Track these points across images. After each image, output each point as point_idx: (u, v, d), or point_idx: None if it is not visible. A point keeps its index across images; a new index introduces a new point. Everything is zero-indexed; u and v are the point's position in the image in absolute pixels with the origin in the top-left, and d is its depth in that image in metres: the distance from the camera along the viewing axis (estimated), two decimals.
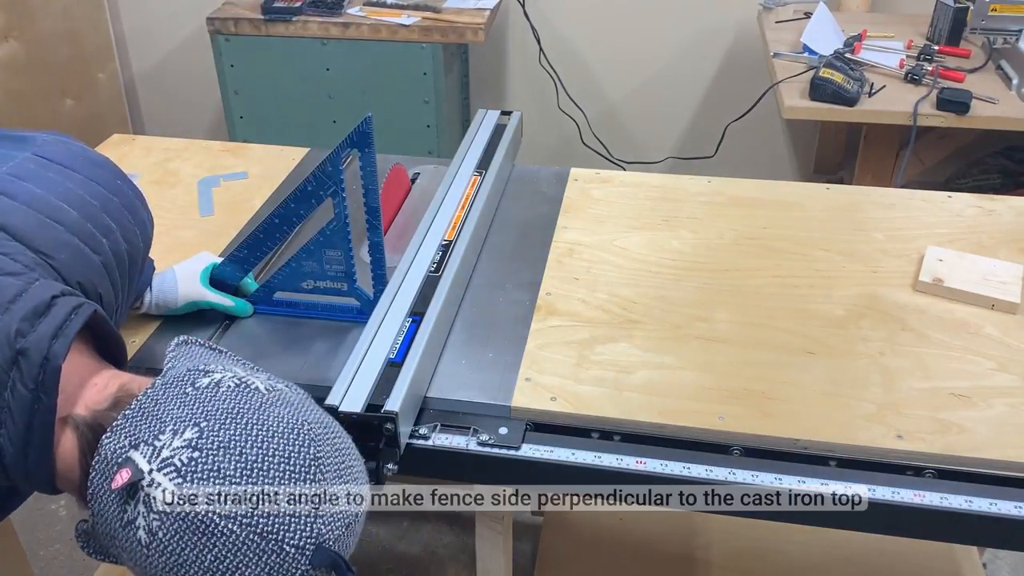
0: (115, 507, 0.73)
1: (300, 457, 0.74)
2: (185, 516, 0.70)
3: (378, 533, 2.07)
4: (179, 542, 0.71)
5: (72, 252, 0.86)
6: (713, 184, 1.53)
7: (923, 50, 2.21)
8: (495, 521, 1.22)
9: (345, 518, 0.76)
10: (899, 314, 1.23)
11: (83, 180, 0.92)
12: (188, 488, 0.70)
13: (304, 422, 0.76)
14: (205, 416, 0.74)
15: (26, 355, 0.75)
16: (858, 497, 0.99)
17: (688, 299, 1.26)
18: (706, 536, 1.73)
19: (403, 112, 2.54)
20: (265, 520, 0.71)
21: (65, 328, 0.78)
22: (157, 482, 0.71)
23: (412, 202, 1.49)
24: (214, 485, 0.71)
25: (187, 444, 0.72)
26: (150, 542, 0.71)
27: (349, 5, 2.53)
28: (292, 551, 0.72)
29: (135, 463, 0.72)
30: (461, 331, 1.21)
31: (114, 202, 0.93)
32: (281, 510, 0.72)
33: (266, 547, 0.71)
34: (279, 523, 0.72)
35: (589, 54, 2.95)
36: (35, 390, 0.75)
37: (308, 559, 0.73)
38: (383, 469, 1.01)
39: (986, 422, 1.05)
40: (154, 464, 0.72)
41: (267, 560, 0.72)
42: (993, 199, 1.49)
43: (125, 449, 0.73)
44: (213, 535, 0.70)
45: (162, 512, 0.71)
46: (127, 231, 0.94)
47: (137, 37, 3.14)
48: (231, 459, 0.72)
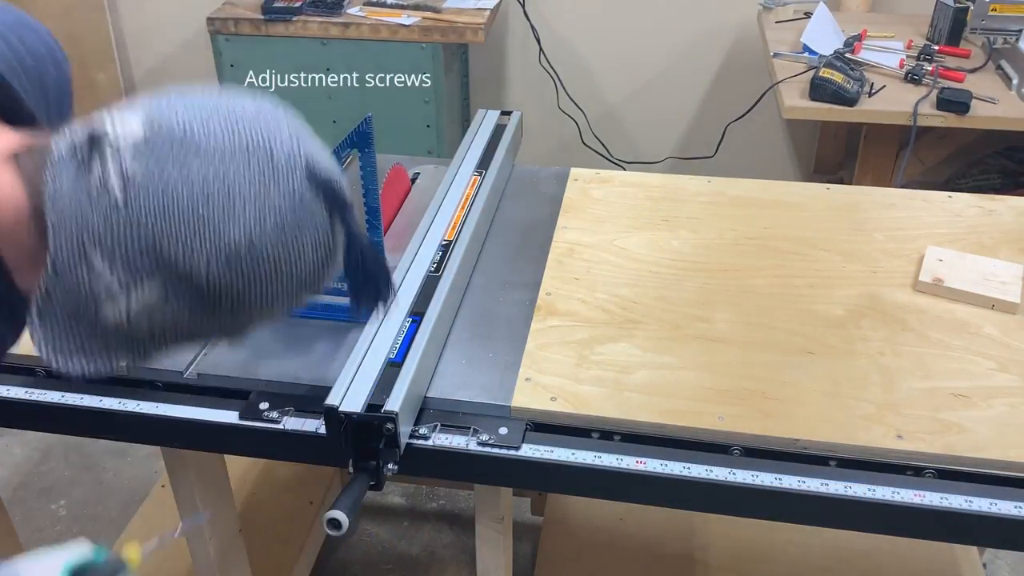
0: (80, 182, 0.64)
1: (275, 104, 0.70)
2: (162, 138, 0.64)
3: (378, 533, 2.07)
4: (161, 168, 0.63)
5: None
6: (713, 184, 1.53)
7: (923, 50, 2.21)
8: (495, 521, 1.22)
9: (331, 160, 0.72)
10: (899, 314, 1.23)
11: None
12: (157, 116, 0.65)
13: (272, 104, 0.71)
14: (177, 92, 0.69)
15: None
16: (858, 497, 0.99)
17: (688, 299, 1.26)
18: (706, 536, 1.73)
19: (403, 112, 2.54)
20: (245, 131, 0.66)
21: None
22: (122, 122, 0.65)
23: (412, 202, 1.50)
24: (185, 107, 0.66)
25: (147, 99, 0.67)
26: (128, 191, 0.63)
27: (349, 5, 2.53)
28: (283, 159, 0.67)
29: (97, 126, 0.66)
30: (461, 331, 1.21)
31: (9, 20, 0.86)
32: (262, 123, 0.67)
33: (256, 153, 0.66)
34: (265, 132, 0.67)
35: (589, 54, 2.95)
36: None
37: (303, 174, 0.68)
38: (383, 469, 1.01)
39: (986, 422, 1.05)
40: (115, 116, 0.66)
41: (260, 168, 0.66)
42: (993, 199, 1.49)
43: (78, 131, 0.66)
44: (197, 149, 0.64)
45: (134, 147, 0.64)
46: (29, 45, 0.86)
47: (137, 38, 3.14)
48: (200, 96, 0.68)
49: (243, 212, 0.65)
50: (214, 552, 1.40)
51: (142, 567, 0.86)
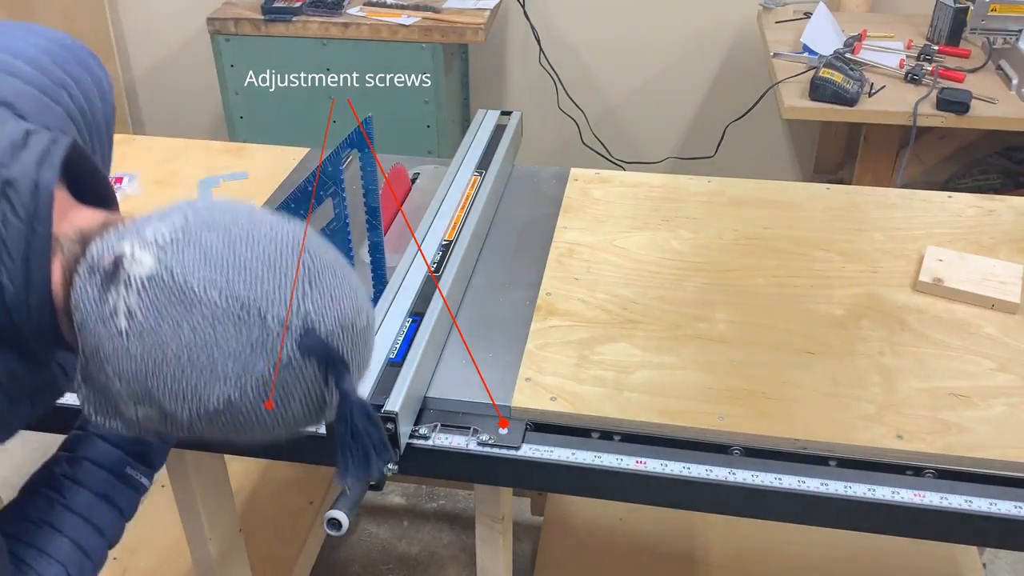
0: (97, 304, 0.68)
1: (290, 239, 0.70)
2: (163, 285, 0.66)
3: (378, 533, 2.07)
4: (156, 318, 0.66)
5: (34, 101, 0.83)
6: (713, 184, 1.53)
7: (923, 50, 2.21)
8: (495, 521, 1.22)
9: (340, 316, 0.70)
10: (899, 314, 1.23)
11: (29, 37, 0.88)
12: (168, 258, 0.67)
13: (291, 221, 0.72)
14: (194, 209, 0.70)
15: (14, 185, 0.71)
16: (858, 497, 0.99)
17: (688, 299, 1.26)
18: (706, 536, 1.73)
19: (403, 112, 2.54)
20: (246, 290, 0.66)
21: (49, 155, 0.74)
22: (138, 258, 0.67)
23: (412, 202, 1.50)
24: (195, 253, 0.67)
25: (172, 227, 0.68)
26: (129, 327, 0.67)
27: (349, 5, 2.53)
28: (276, 327, 0.67)
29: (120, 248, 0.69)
30: (461, 331, 1.21)
31: (65, 56, 0.89)
32: (265, 282, 0.67)
33: (247, 318, 0.66)
34: (262, 293, 0.67)
35: (589, 54, 2.95)
36: (29, 221, 0.71)
37: (295, 341, 0.67)
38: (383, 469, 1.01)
39: (986, 422, 1.05)
40: (136, 243, 0.68)
41: (248, 334, 0.66)
42: (993, 199, 1.49)
43: (112, 244, 0.69)
44: (191, 304, 0.66)
45: (141, 287, 0.66)
46: (83, 84, 0.90)
47: (137, 37, 3.14)
48: (216, 234, 0.68)
49: (224, 377, 0.67)
50: (214, 552, 1.40)
51: (143, 567, 0.88)
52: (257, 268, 0.67)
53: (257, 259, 0.67)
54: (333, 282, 0.70)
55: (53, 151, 0.74)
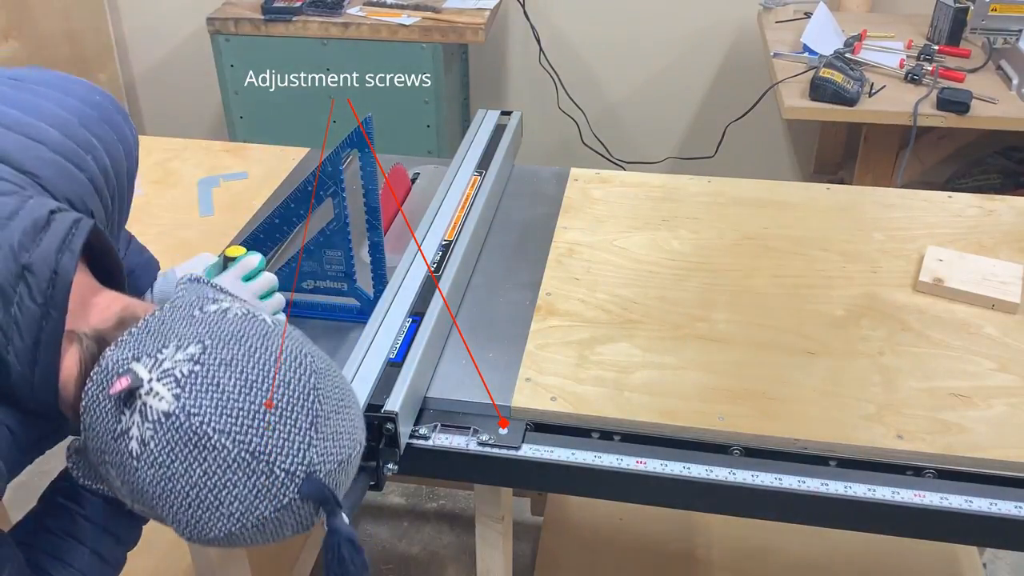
0: (110, 417, 0.71)
1: (300, 385, 0.73)
2: (179, 427, 0.69)
3: (378, 533, 2.07)
4: (170, 454, 0.69)
5: (58, 169, 0.84)
6: (713, 184, 1.53)
7: (923, 50, 2.21)
8: (495, 521, 1.22)
9: (339, 455, 0.75)
10: (899, 314, 1.23)
11: (59, 97, 0.90)
12: (186, 399, 0.70)
13: (307, 354, 0.76)
14: (210, 335, 0.73)
15: (33, 270, 0.73)
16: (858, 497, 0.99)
17: (688, 299, 1.26)
18: (706, 536, 1.73)
19: (403, 112, 2.54)
20: (258, 440, 0.70)
21: (69, 242, 0.76)
22: (156, 391, 0.70)
23: (412, 202, 1.49)
24: (212, 399, 0.70)
25: (189, 358, 0.71)
26: (141, 453, 0.70)
27: (349, 5, 2.53)
28: (282, 475, 0.71)
29: (135, 372, 0.71)
30: (461, 331, 1.21)
31: (93, 116, 0.91)
32: (275, 433, 0.71)
33: (256, 467, 0.70)
34: (272, 444, 0.71)
35: (589, 54, 2.95)
36: (44, 305, 0.73)
37: (297, 488, 0.72)
38: (383, 469, 1.01)
39: (986, 422, 1.05)
40: (154, 374, 0.71)
41: (255, 482, 0.71)
42: (993, 199, 1.49)
43: (127, 360, 0.72)
44: (205, 449, 0.69)
45: (157, 421, 0.69)
46: (110, 146, 0.91)
47: (137, 37, 3.14)
48: (232, 376, 0.71)
49: (228, 515, 0.72)
50: (214, 552, 1.40)
51: (142, 567, 0.89)
52: (269, 417, 0.71)
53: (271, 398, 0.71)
54: (337, 421, 0.75)
55: (75, 237, 0.77)
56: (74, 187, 0.86)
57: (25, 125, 0.85)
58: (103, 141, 0.90)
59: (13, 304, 0.73)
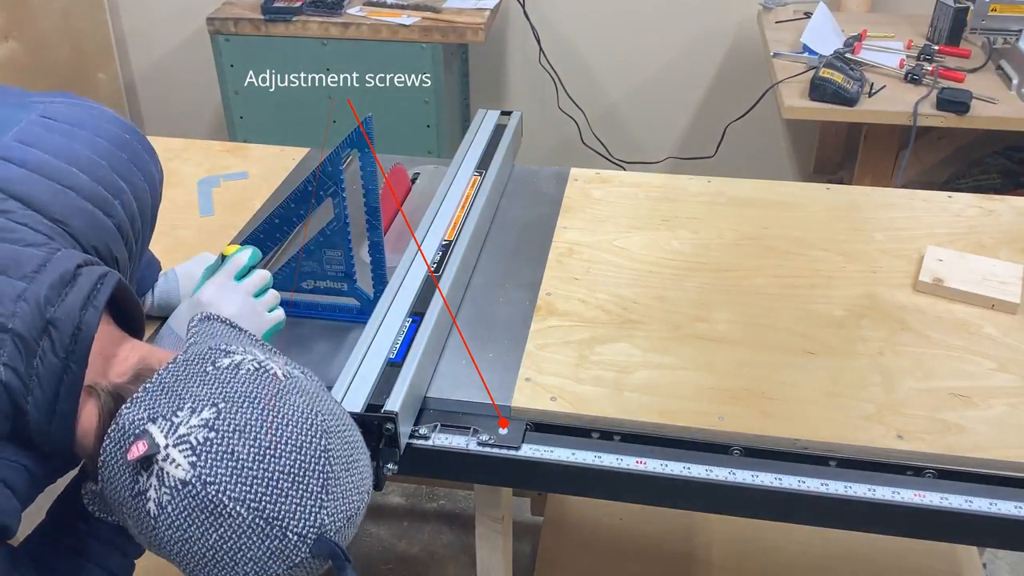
0: (127, 476, 0.74)
1: (311, 448, 0.75)
2: (196, 495, 0.71)
3: (378, 533, 2.07)
4: (187, 519, 0.72)
5: (87, 218, 0.86)
6: (713, 184, 1.53)
7: (923, 50, 2.21)
8: (495, 521, 1.22)
9: (348, 511, 0.77)
10: (899, 314, 1.23)
11: (90, 138, 0.90)
12: (202, 468, 0.71)
13: (318, 412, 0.77)
14: (224, 397, 0.75)
15: (57, 325, 0.75)
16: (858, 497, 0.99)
17: (688, 299, 1.26)
18: (706, 536, 1.73)
19: (403, 112, 2.54)
20: (272, 506, 0.72)
21: (94, 298, 0.78)
22: (172, 458, 0.72)
23: (412, 202, 1.49)
24: (227, 467, 0.72)
25: (204, 424, 0.73)
26: (158, 514, 0.72)
27: (349, 5, 2.53)
28: (294, 539, 0.73)
29: (152, 436, 0.73)
30: (461, 331, 1.21)
31: (122, 159, 0.92)
32: (288, 499, 0.73)
33: (270, 532, 0.73)
34: (285, 510, 0.73)
35: (589, 54, 2.95)
36: (65, 359, 0.75)
37: (309, 548, 0.74)
38: (383, 469, 1.01)
39: (986, 422, 1.05)
40: (170, 439, 0.72)
41: (269, 545, 0.73)
42: (993, 199, 1.49)
43: (143, 421, 0.74)
44: (220, 515, 0.72)
45: (174, 488, 0.72)
46: (137, 189, 0.93)
47: (137, 37, 3.14)
48: (245, 443, 0.73)
49: (242, 573, 0.74)
50: None
51: (142, 565, 0.91)
52: (282, 483, 0.73)
53: (282, 474, 0.73)
54: (346, 480, 0.77)
55: (99, 293, 0.79)
56: (101, 235, 0.87)
57: (57, 171, 0.86)
58: (131, 184, 0.92)
59: (36, 357, 0.75)
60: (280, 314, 1.07)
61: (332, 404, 0.81)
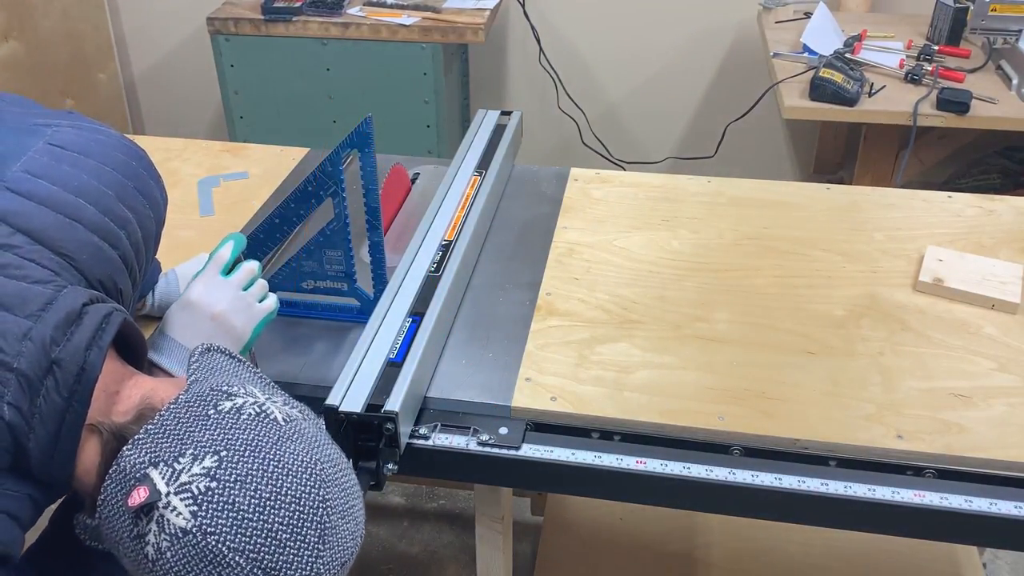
0: (127, 519, 0.74)
1: (310, 499, 0.75)
2: (196, 544, 0.71)
3: (378, 533, 2.07)
4: (185, 565, 0.72)
5: (93, 251, 0.86)
6: (713, 184, 1.53)
7: (923, 50, 2.21)
8: (495, 521, 1.22)
9: (342, 557, 0.77)
10: (899, 314, 1.23)
11: (97, 167, 0.90)
12: (203, 517, 0.72)
13: (317, 461, 0.77)
14: (225, 445, 0.75)
15: (61, 365, 0.76)
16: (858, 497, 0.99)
17: (688, 299, 1.26)
18: (706, 536, 1.73)
19: (403, 112, 2.54)
20: (270, 557, 0.73)
21: (99, 338, 0.78)
22: (173, 506, 0.72)
23: (412, 202, 1.49)
24: (227, 517, 0.72)
25: (205, 472, 0.73)
26: (157, 559, 0.72)
27: (349, 5, 2.53)
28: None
29: (153, 482, 0.73)
30: (461, 331, 1.21)
31: (128, 187, 0.91)
32: (286, 549, 0.73)
33: None
34: (283, 561, 0.73)
35: (589, 54, 2.95)
36: (68, 399, 0.76)
37: None
38: (383, 469, 1.01)
39: (986, 422, 1.05)
40: (172, 487, 0.73)
41: None
42: (993, 199, 1.49)
43: (144, 465, 0.74)
44: (219, 564, 0.72)
45: (174, 535, 0.72)
46: (143, 217, 0.93)
47: (137, 37, 3.14)
48: (246, 494, 0.73)
49: None
50: None
51: None
52: (281, 535, 0.73)
53: (282, 525, 0.73)
54: (343, 527, 0.78)
55: (104, 332, 0.79)
56: (107, 268, 0.87)
57: (65, 204, 0.85)
58: (137, 214, 0.92)
59: (40, 396, 0.75)
60: (271, 303, 1.06)
61: (330, 448, 0.81)
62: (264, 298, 1.07)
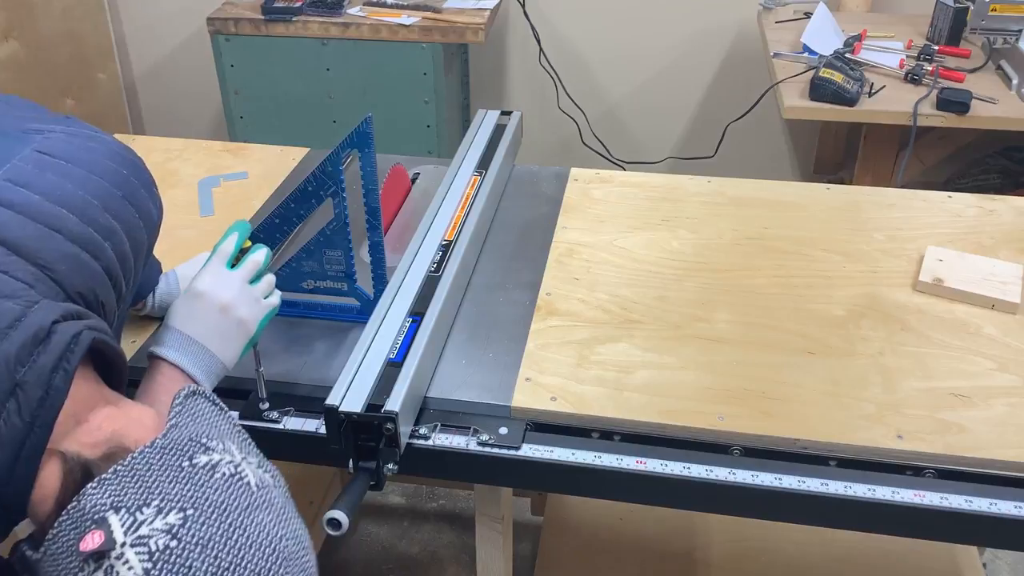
0: (74, 562, 0.69)
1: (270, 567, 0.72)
2: None
3: (378, 533, 2.07)
4: None
5: (72, 262, 0.83)
6: (713, 184, 1.53)
7: (923, 50, 2.21)
8: (495, 521, 1.22)
9: None
10: (899, 314, 1.23)
11: (84, 176, 0.87)
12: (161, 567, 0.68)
13: (282, 537, 0.74)
14: (193, 503, 0.71)
15: (25, 388, 0.72)
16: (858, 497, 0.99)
17: (688, 299, 1.26)
18: (706, 536, 1.73)
19: (403, 112, 2.54)
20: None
21: (66, 360, 0.74)
22: (126, 559, 0.68)
23: (412, 202, 1.50)
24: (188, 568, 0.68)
25: (167, 529, 0.69)
26: None
27: (349, 5, 2.53)
28: None
29: (110, 529, 0.69)
30: (461, 331, 1.21)
31: (117, 196, 0.88)
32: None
33: None
34: None
35: (589, 54, 2.95)
36: (30, 423, 0.72)
37: None
38: (383, 469, 1.01)
39: (986, 422, 1.05)
40: (129, 538, 0.68)
41: None
42: (993, 199, 1.49)
43: (105, 507, 0.70)
44: None
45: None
46: (131, 227, 0.90)
47: (137, 37, 3.14)
48: (205, 560, 0.69)
49: None
50: None
51: None
52: None
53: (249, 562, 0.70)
54: None
55: (72, 354, 0.75)
56: (87, 280, 0.84)
57: (45, 214, 0.82)
58: (125, 223, 0.89)
59: (0, 418, 0.71)
60: (275, 300, 1.05)
61: (296, 523, 0.78)
62: (269, 295, 1.05)
